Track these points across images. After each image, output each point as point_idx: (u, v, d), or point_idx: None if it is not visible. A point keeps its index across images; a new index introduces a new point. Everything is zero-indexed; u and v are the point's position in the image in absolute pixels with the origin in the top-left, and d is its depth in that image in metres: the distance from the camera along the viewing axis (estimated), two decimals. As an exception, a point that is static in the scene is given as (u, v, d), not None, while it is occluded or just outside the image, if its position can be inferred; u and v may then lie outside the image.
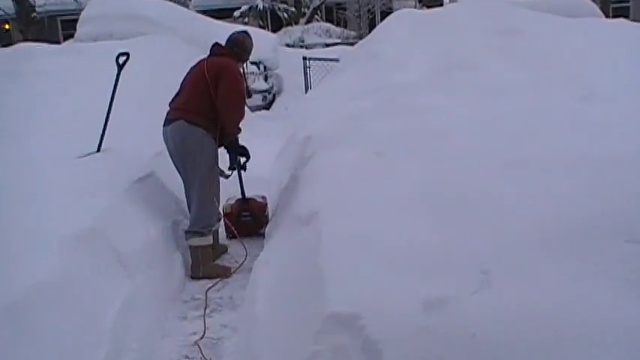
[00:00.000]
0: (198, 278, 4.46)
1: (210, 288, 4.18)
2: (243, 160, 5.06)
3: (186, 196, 4.74)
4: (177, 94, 4.84)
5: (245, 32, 5.10)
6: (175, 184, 4.99)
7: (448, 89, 4.48)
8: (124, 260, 3.47)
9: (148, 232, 3.99)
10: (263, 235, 4.95)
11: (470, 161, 3.16)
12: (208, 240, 4.62)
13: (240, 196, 5.40)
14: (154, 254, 3.93)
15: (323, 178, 3.72)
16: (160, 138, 4.72)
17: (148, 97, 7.36)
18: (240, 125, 4.78)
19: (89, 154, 4.97)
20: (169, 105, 4.80)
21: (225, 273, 4.55)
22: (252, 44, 5.00)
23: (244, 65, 5.43)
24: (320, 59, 11.72)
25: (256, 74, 12.27)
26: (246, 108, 4.96)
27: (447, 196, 2.88)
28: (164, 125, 4.69)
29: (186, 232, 4.58)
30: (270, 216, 5.28)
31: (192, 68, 4.87)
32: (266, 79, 12.46)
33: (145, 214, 4.17)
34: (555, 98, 3.96)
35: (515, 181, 2.82)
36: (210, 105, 4.58)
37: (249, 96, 5.39)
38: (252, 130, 5.91)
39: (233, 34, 5.02)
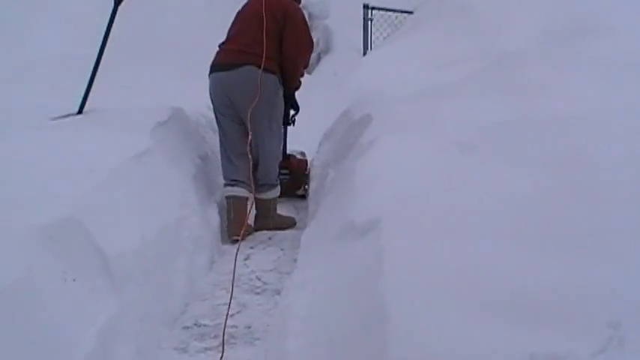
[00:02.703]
0: (269, 229, 5.88)
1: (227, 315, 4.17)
2: (292, 112, 6.39)
3: (249, 148, 5.31)
4: (234, 33, 5.65)
5: None
6: (181, 166, 5.03)
7: (570, 62, 4.40)
8: (111, 266, 3.48)
9: (143, 230, 4.02)
10: (302, 197, 6.55)
11: (603, 168, 3.10)
12: (278, 191, 6.04)
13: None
14: (149, 260, 3.94)
15: (387, 175, 3.70)
16: (165, 100, 4.79)
17: (150, 44, 7.46)
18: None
19: (67, 115, 5.05)
20: (222, 45, 5.66)
21: (292, 223, 6.06)
22: None
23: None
24: (387, 10, 11.67)
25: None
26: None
27: (564, 218, 2.83)
28: (217, 70, 5.56)
29: (259, 185, 5.78)
30: (309, 185, 6.33)
31: (248, 1, 5.73)
32: (310, 31, 12.47)
33: (139, 206, 4.20)
34: None
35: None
36: (279, 50, 5.55)
37: None
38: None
39: None
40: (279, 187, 6.04)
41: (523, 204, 2.99)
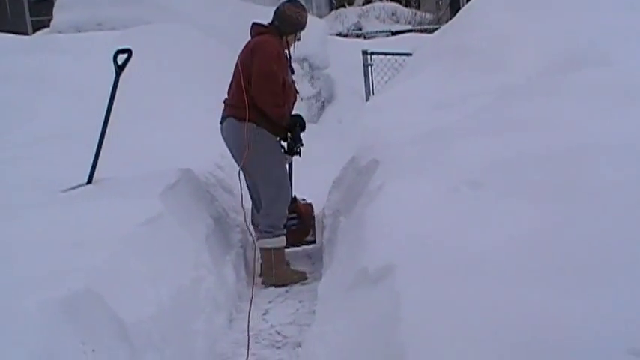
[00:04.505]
0: (273, 285, 5.63)
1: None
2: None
3: (250, 198, 5.87)
4: (228, 87, 5.78)
5: (289, 0, 5.84)
6: (194, 227, 5.06)
7: (571, 94, 4.44)
8: (129, 333, 3.50)
9: (159, 295, 4.04)
10: (311, 242, 6.30)
11: (614, 200, 3.10)
12: (281, 241, 5.78)
13: None
14: (168, 324, 3.95)
15: (397, 219, 3.72)
16: (173, 163, 4.86)
17: (154, 107, 7.54)
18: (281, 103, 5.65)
19: (77, 186, 5.11)
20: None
21: (300, 278, 5.74)
22: (297, 12, 5.78)
23: (296, 38, 5.93)
24: (386, 54, 11.76)
25: (299, 75, 12.39)
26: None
27: (575, 251, 2.83)
28: (220, 122, 5.76)
29: (259, 232, 5.73)
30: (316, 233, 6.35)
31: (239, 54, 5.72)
32: (312, 82, 12.55)
33: (154, 271, 4.22)
34: None
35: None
36: None
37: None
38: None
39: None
40: (283, 237, 5.84)
41: (534, 240, 3.00)
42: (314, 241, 6.47)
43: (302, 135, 5.98)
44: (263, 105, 5.54)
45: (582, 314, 2.44)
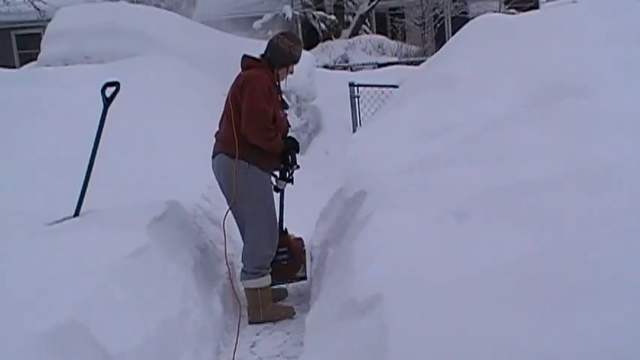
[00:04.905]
0: (260, 322, 5.53)
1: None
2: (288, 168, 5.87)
3: (240, 232, 5.78)
4: (220, 121, 5.69)
5: (283, 33, 5.87)
6: (181, 259, 5.06)
7: (554, 124, 4.48)
8: (116, 365, 3.50)
9: (145, 327, 4.03)
10: (302, 279, 6.09)
11: (598, 228, 3.13)
12: (266, 280, 5.68)
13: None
14: (153, 357, 3.94)
15: (384, 250, 3.73)
16: (160, 195, 4.86)
17: (141, 139, 7.55)
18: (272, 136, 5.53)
19: (64, 219, 5.10)
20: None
21: (288, 314, 5.70)
22: (291, 46, 5.69)
23: (288, 71, 5.83)
24: (372, 85, 11.84)
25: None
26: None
27: (559, 277, 2.85)
28: (212, 157, 5.68)
29: (242, 271, 5.67)
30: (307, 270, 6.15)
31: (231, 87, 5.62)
32: (299, 113, 12.59)
33: (141, 302, 4.22)
34: None
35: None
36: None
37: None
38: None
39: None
40: (268, 276, 5.71)
41: (521, 268, 3.01)
42: (305, 278, 6.25)
43: (297, 156, 5.92)
44: (254, 141, 5.45)
45: (570, 341, 2.44)
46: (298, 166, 5.94)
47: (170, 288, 4.78)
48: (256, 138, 5.44)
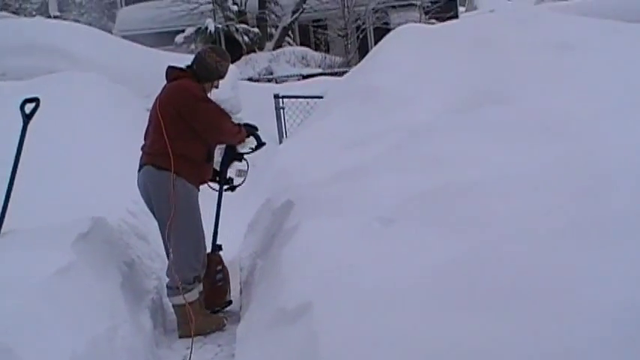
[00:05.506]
0: (189, 336, 5.14)
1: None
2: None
3: (164, 247, 5.61)
4: (145, 133, 5.60)
5: (212, 47, 5.92)
6: (108, 275, 5.00)
7: (475, 131, 4.58)
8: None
9: (73, 345, 3.96)
10: (229, 303, 5.93)
11: (515, 230, 3.21)
12: (193, 295, 5.49)
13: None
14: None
15: (313, 258, 3.76)
16: (85, 212, 4.79)
17: (63, 156, 7.44)
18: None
19: (-16, 240, 4.99)
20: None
21: (218, 326, 5.60)
22: (219, 61, 5.65)
23: (213, 86, 5.79)
24: (297, 97, 11.88)
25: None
26: None
27: (481, 277, 2.91)
28: (138, 171, 5.56)
29: (168, 287, 5.51)
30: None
31: (155, 100, 5.55)
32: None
33: (67, 320, 4.15)
34: (625, 136, 4.05)
35: (586, 256, 2.86)
36: (180, 141, 5.32)
37: None
38: (205, 199, 5.95)
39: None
40: (194, 291, 5.52)
41: (444, 269, 3.08)
42: (231, 302, 6.07)
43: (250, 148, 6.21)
44: (227, 142, 5.89)
45: (494, 336, 2.50)
46: (264, 143, 6.18)
47: (98, 305, 4.71)
48: (228, 139, 5.81)
